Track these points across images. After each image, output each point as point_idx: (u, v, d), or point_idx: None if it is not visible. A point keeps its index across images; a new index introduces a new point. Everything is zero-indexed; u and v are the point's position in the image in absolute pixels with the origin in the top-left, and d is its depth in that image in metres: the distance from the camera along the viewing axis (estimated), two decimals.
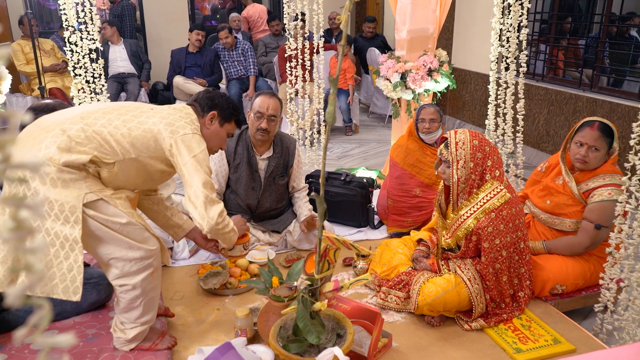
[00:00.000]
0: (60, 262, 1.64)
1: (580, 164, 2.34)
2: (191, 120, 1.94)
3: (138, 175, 1.86)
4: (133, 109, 1.87)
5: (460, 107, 6.22)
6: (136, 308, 1.85)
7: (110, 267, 1.78)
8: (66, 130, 1.69)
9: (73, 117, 1.75)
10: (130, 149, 1.78)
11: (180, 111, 1.95)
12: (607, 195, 2.27)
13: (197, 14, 8.72)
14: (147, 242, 1.79)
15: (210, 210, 1.90)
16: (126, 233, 1.74)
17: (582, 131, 2.34)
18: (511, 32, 2.85)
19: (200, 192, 1.87)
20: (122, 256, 1.75)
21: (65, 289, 1.64)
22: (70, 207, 1.63)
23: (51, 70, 5.83)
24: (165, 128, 1.84)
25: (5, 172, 0.40)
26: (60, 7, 3.16)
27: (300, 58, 3.92)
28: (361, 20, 9.26)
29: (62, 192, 1.63)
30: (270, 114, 2.69)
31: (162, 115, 1.87)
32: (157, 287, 1.90)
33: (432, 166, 3.03)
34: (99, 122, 1.76)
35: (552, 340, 2.10)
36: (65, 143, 1.66)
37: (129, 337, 1.91)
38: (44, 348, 0.46)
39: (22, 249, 0.41)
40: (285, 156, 2.90)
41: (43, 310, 0.43)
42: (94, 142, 1.72)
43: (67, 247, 1.64)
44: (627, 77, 4.52)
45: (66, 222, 1.63)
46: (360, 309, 1.99)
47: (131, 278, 1.79)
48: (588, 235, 2.32)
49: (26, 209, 0.41)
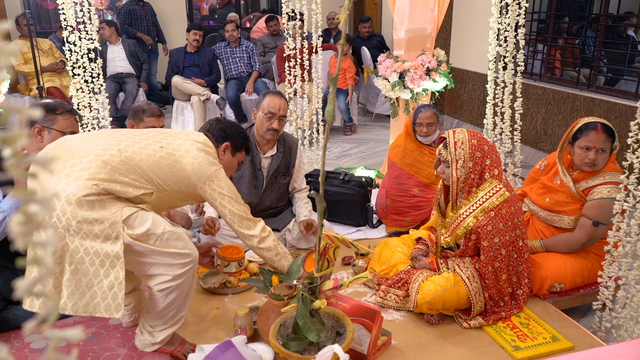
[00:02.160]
0: (100, 280, 1.65)
1: (590, 167, 2.35)
2: (215, 156, 1.99)
3: (170, 201, 1.94)
4: (167, 145, 1.88)
5: (458, 106, 6.23)
6: (171, 311, 1.85)
7: (154, 277, 1.78)
8: (108, 162, 1.69)
9: (110, 147, 1.75)
10: (169, 181, 1.84)
11: (205, 145, 1.97)
12: (607, 193, 2.28)
13: (195, 14, 8.72)
14: (185, 247, 1.79)
15: (254, 229, 2.04)
16: (165, 244, 1.74)
17: (587, 135, 2.32)
18: (509, 32, 2.86)
19: (239, 222, 2.02)
20: (164, 266, 1.75)
21: (107, 307, 1.66)
22: (111, 224, 1.64)
23: (49, 70, 5.82)
24: (199, 168, 1.89)
25: (16, 167, 0.41)
26: (59, 6, 3.16)
27: (299, 58, 3.92)
28: (358, 21, 9.29)
29: (100, 211, 1.64)
30: (281, 114, 2.73)
31: (193, 155, 1.90)
32: (193, 287, 1.91)
33: (431, 165, 3.04)
34: (138, 157, 1.77)
35: (551, 338, 2.11)
36: (109, 174, 1.68)
37: (158, 340, 1.91)
38: (52, 343, 0.46)
39: (32, 243, 0.42)
40: (288, 155, 2.92)
41: (51, 304, 0.44)
42: (134, 174, 1.74)
43: (108, 264, 1.64)
44: (624, 76, 4.53)
45: (106, 239, 1.64)
46: (360, 307, 2.00)
47: (174, 281, 1.78)
48: (585, 232, 2.33)
49: (36, 204, 0.41)
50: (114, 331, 2.13)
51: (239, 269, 2.32)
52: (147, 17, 6.85)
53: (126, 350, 2.00)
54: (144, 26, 6.83)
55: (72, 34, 3.23)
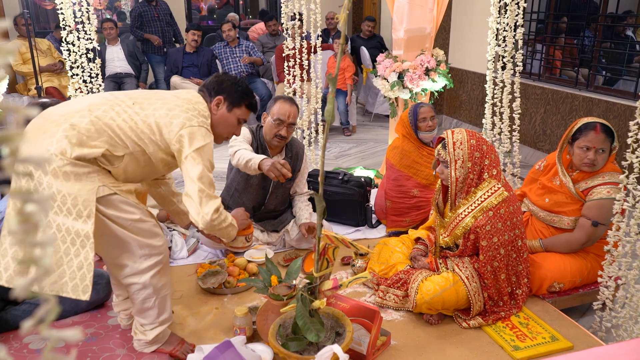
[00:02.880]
0: (71, 259, 1.61)
1: (589, 167, 2.35)
2: (199, 111, 1.87)
3: (146, 166, 1.84)
4: (141, 100, 1.83)
5: (457, 106, 6.24)
6: (151, 308, 1.85)
7: (120, 266, 1.78)
8: (76, 124, 1.66)
9: (81, 109, 1.72)
10: (139, 142, 1.76)
11: (189, 101, 1.89)
12: (606, 194, 2.28)
13: (194, 14, 8.71)
14: (156, 238, 1.79)
15: (206, 205, 1.82)
16: (137, 230, 1.73)
17: (586, 136, 2.32)
18: (508, 32, 2.86)
19: (196, 187, 1.80)
20: (131, 253, 1.75)
21: (74, 288, 1.62)
22: (84, 201, 1.61)
23: (48, 70, 5.81)
24: (171, 121, 1.79)
25: (13, 166, 0.40)
26: (58, 6, 3.15)
27: (298, 58, 3.92)
28: (358, 20, 9.28)
29: (75, 185, 1.61)
30: (290, 121, 2.69)
31: (169, 107, 1.82)
32: (167, 285, 1.90)
33: (429, 167, 3.04)
34: (108, 115, 1.73)
35: (550, 338, 2.11)
36: (76, 137, 1.64)
37: (150, 339, 1.91)
38: (49, 343, 0.46)
39: (31, 243, 0.42)
40: (295, 161, 2.91)
41: (50, 304, 0.44)
42: (104, 136, 1.70)
43: (78, 244, 1.61)
44: (623, 76, 4.54)
45: (78, 217, 1.60)
46: (359, 307, 2.00)
47: (140, 276, 1.79)
48: (585, 232, 2.33)
49: (33, 203, 0.41)
50: (112, 332, 2.12)
51: (246, 244, 2.30)
52: (160, 18, 6.51)
53: (125, 350, 1.99)
54: (157, 27, 6.47)
55: (71, 34, 3.22)
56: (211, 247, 2.91)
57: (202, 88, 2.02)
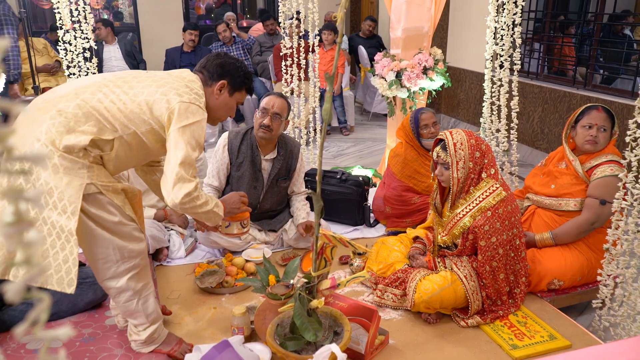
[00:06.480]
0: (56, 252, 1.58)
1: (591, 145, 2.42)
2: (190, 88, 1.81)
3: (140, 149, 1.79)
4: (130, 80, 1.78)
5: (455, 105, 6.24)
6: (136, 309, 1.84)
7: (98, 268, 1.75)
8: (62, 110, 1.62)
9: (67, 94, 1.68)
10: (128, 123, 1.71)
11: (182, 79, 1.83)
12: (610, 172, 2.33)
13: (191, 14, 8.69)
14: (135, 242, 1.75)
15: (179, 189, 1.76)
16: (116, 231, 1.70)
17: (588, 115, 2.45)
18: (505, 30, 2.86)
19: (174, 168, 1.74)
20: (108, 255, 1.71)
21: (59, 280, 1.59)
22: (69, 197, 1.58)
23: (44, 71, 5.79)
24: (162, 98, 1.73)
25: (6, 164, 0.40)
26: (54, 6, 3.14)
27: (296, 57, 3.92)
28: (356, 20, 9.28)
29: (64, 178, 1.58)
30: (274, 111, 2.69)
31: (158, 84, 1.77)
32: (148, 285, 1.87)
33: (429, 176, 3.02)
34: (95, 97, 1.68)
35: (548, 336, 2.11)
36: (64, 124, 1.60)
37: (144, 338, 1.91)
38: (44, 343, 0.45)
39: (19, 242, 0.41)
40: (289, 159, 2.90)
41: (43, 304, 0.43)
42: (92, 119, 1.65)
43: (63, 238, 1.58)
44: (620, 75, 4.55)
45: (63, 212, 1.57)
46: (357, 306, 2.00)
47: (118, 280, 1.76)
48: (594, 212, 2.35)
49: (25, 201, 0.40)
50: (110, 332, 2.12)
51: (242, 230, 2.27)
52: None
53: (123, 350, 1.99)
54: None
55: (67, 33, 3.21)
56: (209, 247, 2.91)
57: (200, 69, 1.95)
